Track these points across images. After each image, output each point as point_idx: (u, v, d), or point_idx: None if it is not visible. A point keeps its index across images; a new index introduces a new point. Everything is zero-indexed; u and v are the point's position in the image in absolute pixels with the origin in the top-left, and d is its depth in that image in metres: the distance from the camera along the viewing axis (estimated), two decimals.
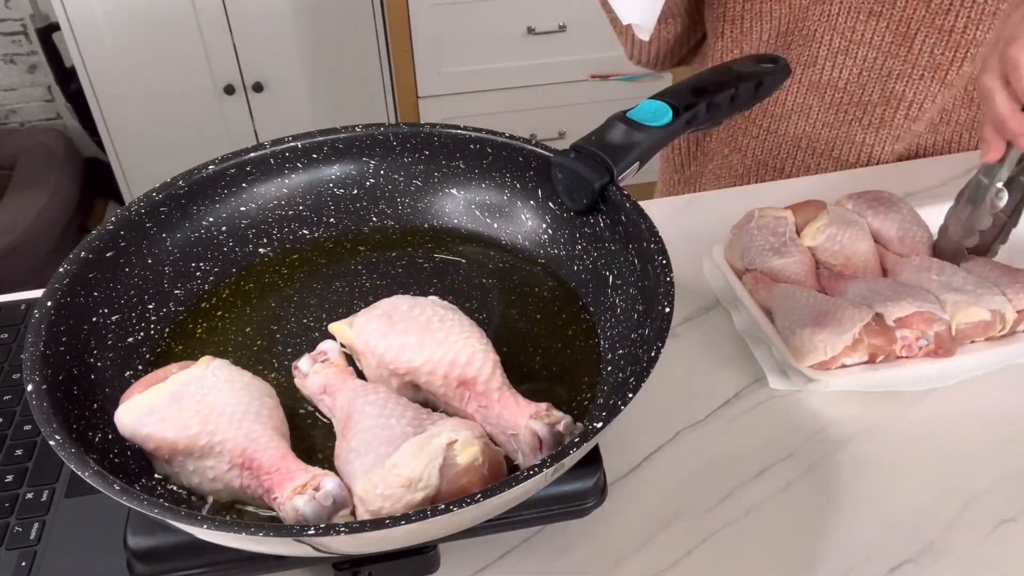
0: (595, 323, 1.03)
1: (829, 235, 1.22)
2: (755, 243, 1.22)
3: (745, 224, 1.24)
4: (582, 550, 0.97)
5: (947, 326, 1.11)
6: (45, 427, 0.80)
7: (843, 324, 1.09)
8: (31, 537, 0.97)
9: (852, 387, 1.11)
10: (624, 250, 0.99)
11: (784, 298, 1.15)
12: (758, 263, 1.20)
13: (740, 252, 1.22)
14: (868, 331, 1.09)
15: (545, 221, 1.10)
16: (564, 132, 3.58)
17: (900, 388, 1.12)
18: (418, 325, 0.93)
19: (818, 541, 0.97)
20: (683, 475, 1.04)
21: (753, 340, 1.18)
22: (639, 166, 1.02)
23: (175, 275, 1.05)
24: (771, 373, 1.14)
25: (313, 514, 0.80)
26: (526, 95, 3.52)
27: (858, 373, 1.10)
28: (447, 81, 3.46)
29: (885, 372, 1.10)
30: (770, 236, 1.22)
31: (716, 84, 1.09)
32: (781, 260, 1.20)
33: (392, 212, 1.15)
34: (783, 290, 1.16)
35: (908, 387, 1.12)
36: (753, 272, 1.21)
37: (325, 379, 0.94)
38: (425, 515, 0.71)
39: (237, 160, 1.08)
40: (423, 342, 0.92)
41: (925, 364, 1.11)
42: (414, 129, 1.13)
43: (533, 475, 0.73)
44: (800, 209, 1.25)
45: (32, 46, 3.78)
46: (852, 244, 1.22)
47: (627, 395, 0.78)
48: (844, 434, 1.08)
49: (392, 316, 0.94)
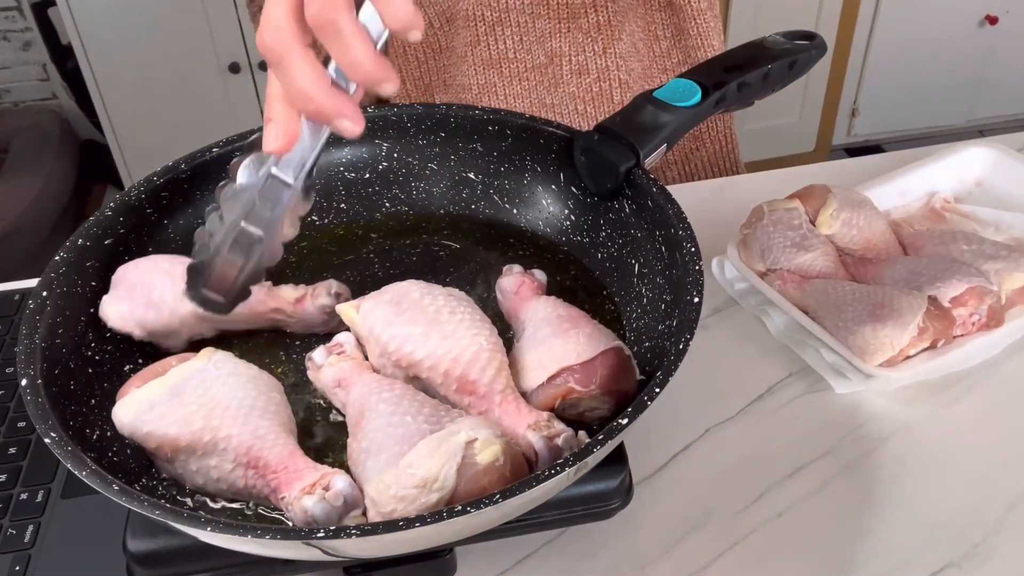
0: (620, 314, 1.03)
1: (844, 220, 1.22)
2: (774, 241, 1.20)
3: (755, 222, 1.23)
4: (606, 553, 0.97)
5: (997, 297, 1.12)
6: (40, 424, 0.80)
7: (903, 314, 1.09)
8: (25, 540, 0.98)
9: (918, 378, 1.11)
10: (651, 237, 0.99)
11: (824, 295, 1.14)
12: (782, 262, 1.19)
13: (759, 252, 1.21)
14: (929, 317, 1.09)
15: (567, 206, 1.10)
16: None
17: (959, 368, 1.12)
18: (426, 316, 0.93)
19: (855, 544, 0.97)
20: (713, 475, 1.04)
21: (798, 344, 1.16)
22: (667, 148, 1.02)
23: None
24: (829, 376, 1.13)
25: (323, 515, 0.80)
26: None
27: (922, 362, 1.10)
28: None
29: (947, 356, 1.10)
30: (787, 231, 1.20)
31: (748, 62, 1.09)
32: (807, 255, 1.19)
33: (406, 197, 1.15)
34: (820, 287, 1.16)
35: (965, 365, 1.12)
36: (778, 272, 1.19)
37: (340, 372, 0.94)
38: (441, 517, 0.71)
39: (242, 142, 1.08)
40: (428, 335, 0.92)
41: (977, 339, 1.12)
42: (429, 109, 1.13)
43: (554, 475, 0.73)
44: (806, 197, 1.24)
45: (27, 22, 3.79)
46: (870, 225, 1.22)
47: (654, 390, 0.78)
48: (883, 431, 1.08)
49: (401, 303, 0.95)
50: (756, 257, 1.21)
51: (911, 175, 1.34)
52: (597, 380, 0.89)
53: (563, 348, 0.91)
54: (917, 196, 1.35)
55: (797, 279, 1.18)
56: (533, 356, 0.92)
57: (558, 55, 1.48)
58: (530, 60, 1.49)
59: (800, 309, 1.15)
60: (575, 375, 0.90)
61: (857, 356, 1.09)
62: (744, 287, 1.23)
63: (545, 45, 1.48)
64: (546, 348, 0.92)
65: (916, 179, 1.34)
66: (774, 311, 1.19)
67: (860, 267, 1.20)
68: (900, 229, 1.25)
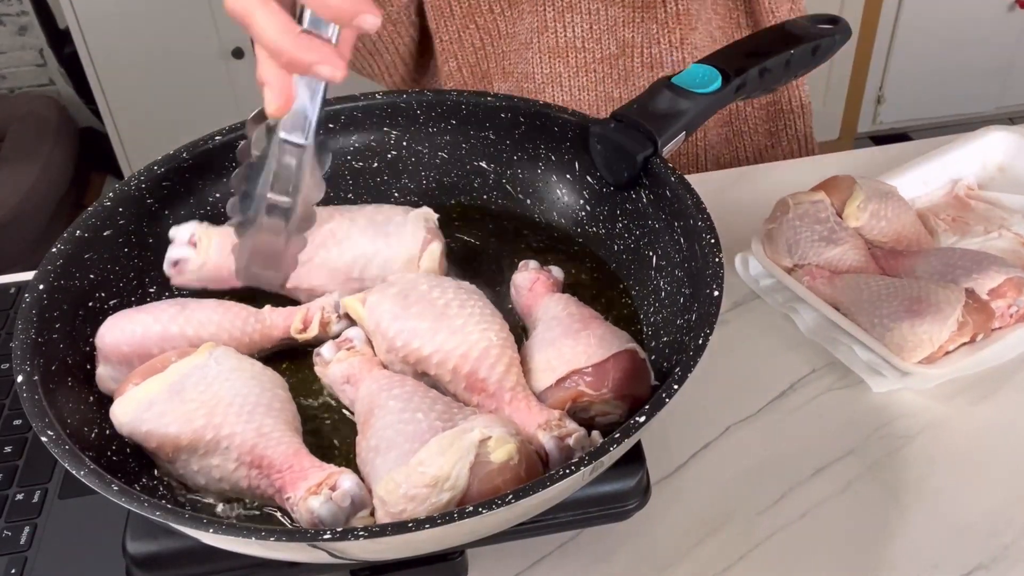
0: (637, 308, 1.03)
1: (872, 211, 1.21)
2: (801, 235, 1.20)
3: (781, 215, 1.22)
4: (623, 556, 0.97)
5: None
6: (37, 422, 0.80)
7: (942, 309, 1.08)
8: (21, 542, 0.98)
9: (957, 374, 1.10)
10: (669, 228, 0.99)
11: (857, 290, 1.14)
12: (811, 256, 1.19)
13: (786, 247, 1.20)
14: (967, 310, 1.08)
15: (583, 197, 1.10)
16: None
17: (998, 362, 1.12)
18: (434, 310, 0.93)
19: (881, 546, 0.97)
20: (733, 474, 1.04)
21: (830, 342, 1.16)
22: (685, 136, 1.02)
23: None
24: (866, 375, 1.12)
25: (329, 516, 0.80)
26: None
27: (961, 358, 1.09)
28: None
29: (986, 350, 1.10)
30: (815, 224, 1.20)
31: (770, 47, 1.09)
32: (836, 249, 1.18)
33: (415, 187, 1.15)
34: (851, 282, 1.15)
35: (1004, 359, 1.12)
36: (806, 267, 1.19)
37: (349, 368, 0.94)
38: (451, 518, 0.71)
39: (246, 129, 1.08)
40: (436, 329, 0.92)
41: (1018, 330, 1.12)
42: (440, 96, 1.13)
43: (569, 474, 0.73)
44: (831, 188, 1.23)
45: (23, 5, 3.79)
46: (898, 217, 1.22)
47: (672, 386, 0.78)
48: (909, 429, 1.08)
49: (408, 296, 0.95)
50: (783, 252, 1.20)
51: (932, 163, 1.34)
52: (609, 383, 0.89)
53: (573, 349, 0.91)
54: (940, 184, 1.35)
55: (826, 274, 1.17)
56: (542, 357, 0.93)
57: (630, 46, 1.47)
58: (599, 50, 1.48)
59: (831, 305, 1.15)
60: (586, 378, 0.89)
61: (895, 353, 1.09)
62: (770, 283, 1.23)
63: (617, 35, 1.47)
64: (555, 349, 0.92)
65: (938, 167, 1.34)
66: (803, 308, 1.19)
67: (891, 260, 1.20)
68: (928, 219, 1.25)
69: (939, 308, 1.08)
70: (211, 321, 0.96)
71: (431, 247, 1.01)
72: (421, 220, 1.02)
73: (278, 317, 0.99)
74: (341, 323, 0.99)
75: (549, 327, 0.94)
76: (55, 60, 3.74)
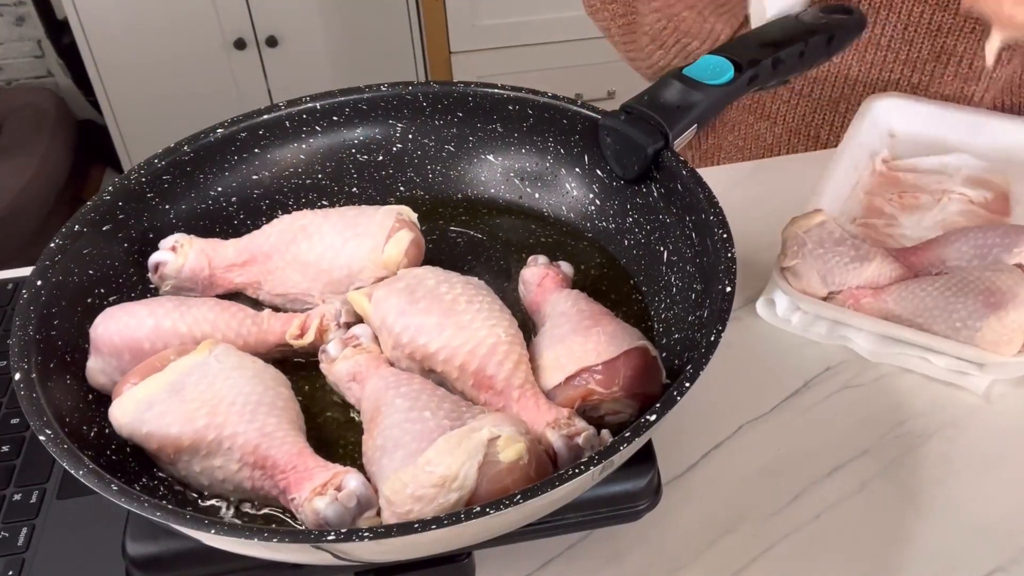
0: (648, 304, 1.03)
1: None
2: (832, 261, 1.16)
3: (799, 249, 1.18)
4: (633, 558, 0.97)
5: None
6: (34, 420, 0.80)
7: (1017, 294, 1.08)
8: (18, 543, 0.98)
9: None
10: (680, 223, 0.99)
11: (916, 299, 1.12)
12: (849, 280, 1.16)
13: (820, 279, 1.16)
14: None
15: (592, 191, 1.10)
16: (613, 91, 3.57)
17: None
18: (442, 305, 0.93)
19: (897, 548, 0.97)
20: (746, 474, 1.04)
21: (899, 358, 1.14)
22: (697, 129, 1.02)
23: None
24: (960, 381, 1.11)
25: (336, 517, 0.80)
26: (571, 50, 3.51)
27: None
28: (483, 35, 3.45)
29: None
30: (837, 247, 1.17)
31: (783, 37, 1.09)
32: (871, 265, 1.16)
33: (422, 181, 1.15)
34: (904, 293, 1.13)
35: None
36: (846, 291, 1.16)
37: (355, 366, 0.93)
38: (459, 518, 0.71)
39: (248, 123, 1.08)
40: (443, 325, 0.92)
41: None
42: (446, 88, 1.13)
43: (578, 474, 0.73)
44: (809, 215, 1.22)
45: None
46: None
47: (684, 384, 0.78)
48: (927, 427, 1.08)
49: (415, 291, 0.94)
50: (816, 284, 1.17)
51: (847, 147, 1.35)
52: (620, 382, 0.89)
53: (582, 347, 0.91)
54: (866, 165, 1.38)
55: (870, 292, 1.15)
56: (551, 354, 0.92)
57: (946, 53, 1.48)
58: (912, 50, 1.48)
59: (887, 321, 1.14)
60: (596, 376, 0.89)
61: (990, 351, 1.08)
62: (804, 319, 1.19)
63: (935, 40, 1.47)
64: (564, 346, 0.92)
65: (855, 148, 1.36)
66: (856, 334, 1.16)
67: (912, 257, 1.19)
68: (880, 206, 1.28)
69: (1015, 294, 1.08)
70: (206, 320, 0.96)
71: (398, 235, 1.00)
72: (393, 212, 1.02)
73: (276, 322, 0.98)
74: (339, 332, 0.98)
75: (558, 324, 0.94)
76: (53, 51, 3.74)
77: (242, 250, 1.03)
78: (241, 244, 1.03)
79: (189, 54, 3.48)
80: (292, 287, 1.02)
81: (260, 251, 1.02)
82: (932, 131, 1.41)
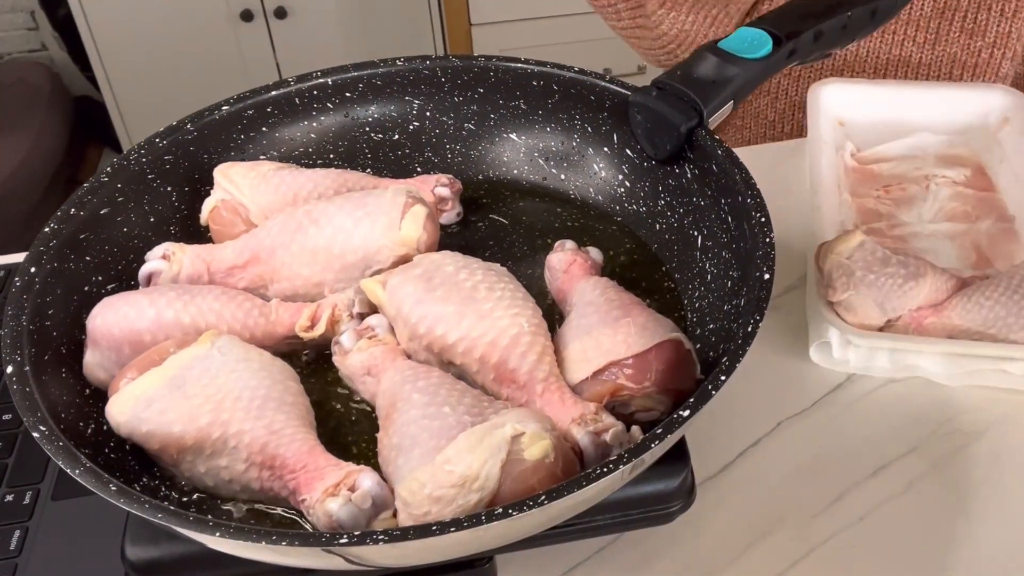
0: (681, 293, 1.03)
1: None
2: (886, 286, 1.11)
3: (847, 280, 1.12)
4: (665, 562, 0.97)
5: None
6: (28, 416, 0.80)
7: None
8: (11, 547, 0.98)
9: None
10: (715, 206, 0.99)
11: (985, 309, 1.10)
12: (909, 303, 1.12)
13: (879, 306, 1.12)
14: None
15: (622, 172, 1.10)
16: (644, 66, 3.56)
17: None
18: (461, 293, 0.92)
19: (945, 551, 0.97)
20: (785, 474, 1.04)
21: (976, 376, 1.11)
22: (733, 105, 1.02)
23: (182, 236, 1.06)
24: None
25: (349, 519, 0.80)
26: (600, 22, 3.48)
27: None
28: (505, 5, 3.45)
29: None
30: (885, 268, 1.12)
31: (825, 8, 1.09)
32: (926, 280, 1.12)
33: (440, 161, 1.15)
34: (969, 305, 1.11)
35: None
36: (907, 314, 1.12)
37: (370, 358, 0.93)
38: (479, 521, 0.71)
39: (256, 99, 1.09)
40: (462, 314, 0.91)
41: None
42: (466, 63, 1.13)
43: (607, 473, 0.73)
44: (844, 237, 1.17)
45: None
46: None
47: (719, 378, 0.78)
48: (976, 425, 1.07)
49: (433, 278, 0.94)
50: (875, 314, 1.12)
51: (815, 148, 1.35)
52: (651, 376, 0.88)
53: (611, 339, 0.90)
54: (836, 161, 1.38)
55: (928, 311, 1.12)
56: (577, 346, 0.92)
57: (951, 7, 1.47)
58: (914, 8, 1.48)
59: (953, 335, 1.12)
60: (626, 370, 0.89)
61: None
62: (864, 355, 1.14)
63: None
64: (592, 338, 0.91)
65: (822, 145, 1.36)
66: (926, 359, 1.13)
67: None
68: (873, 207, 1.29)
69: None
70: (211, 310, 0.95)
71: (414, 209, 0.99)
72: (403, 189, 1.01)
73: (285, 313, 0.97)
74: (353, 322, 0.97)
75: (585, 313, 0.94)
76: (48, 23, 3.75)
77: (242, 250, 1.02)
78: (240, 244, 1.02)
79: (192, 26, 3.48)
80: (302, 282, 1.01)
81: (262, 248, 1.01)
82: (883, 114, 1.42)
